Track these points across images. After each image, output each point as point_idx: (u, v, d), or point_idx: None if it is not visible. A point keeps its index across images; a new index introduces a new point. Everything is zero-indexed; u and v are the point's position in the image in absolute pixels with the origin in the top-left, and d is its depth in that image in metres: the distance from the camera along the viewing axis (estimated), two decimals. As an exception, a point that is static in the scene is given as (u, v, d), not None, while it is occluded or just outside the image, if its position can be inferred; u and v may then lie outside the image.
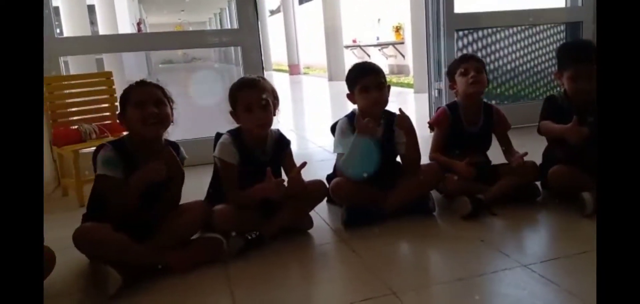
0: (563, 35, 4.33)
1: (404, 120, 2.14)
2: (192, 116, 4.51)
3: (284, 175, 2.08)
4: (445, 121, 2.41)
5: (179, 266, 1.79)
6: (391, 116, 2.22)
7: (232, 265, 1.84)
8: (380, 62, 2.25)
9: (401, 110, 2.15)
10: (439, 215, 2.23)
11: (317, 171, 2.49)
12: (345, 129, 2.21)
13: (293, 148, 2.17)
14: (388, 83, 2.21)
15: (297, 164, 2.03)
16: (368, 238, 2.03)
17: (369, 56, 12.29)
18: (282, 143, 2.13)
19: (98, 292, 1.68)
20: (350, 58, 11.92)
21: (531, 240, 2.04)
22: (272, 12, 20.72)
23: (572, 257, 1.75)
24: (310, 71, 15.99)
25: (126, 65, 9.54)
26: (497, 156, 2.48)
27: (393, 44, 11.34)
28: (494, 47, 4.16)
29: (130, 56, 10.51)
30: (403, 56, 11.22)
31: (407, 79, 10.14)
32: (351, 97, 2.25)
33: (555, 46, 4.29)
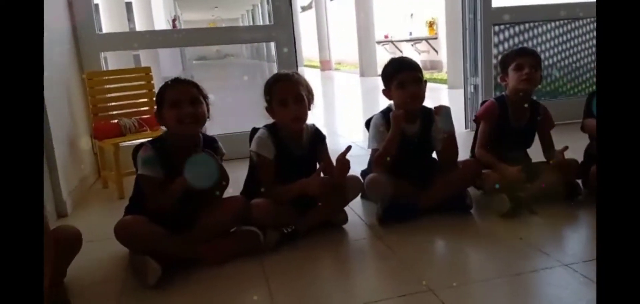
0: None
1: (443, 107, 2.13)
2: (227, 111, 4.56)
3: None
4: (494, 115, 2.35)
5: (214, 259, 1.82)
6: (428, 112, 2.20)
7: (268, 258, 1.85)
8: (412, 57, 2.23)
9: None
10: (477, 212, 2.20)
11: (351, 167, 2.48)
12: (379, 125, 2.20)
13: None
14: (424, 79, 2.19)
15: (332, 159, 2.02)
16: (403, 234, 2.01)
17: (401, 52, 12.16)
18: (318, 138, 2.13)
19: (138, 282, 1.73)
20: (382, 54, 11.85)
21: (572, 239, 1.99)
22: (304, 8, 20.74)
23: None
24: (341, 67, 15.98)
25: (161, 60, 9.69)
26: (536, 153, 2.42)
27: (426, 39, 11.21)
28: (534, 42, 4.05)
29: (165, 52, 10.69)
30: (436, 51, 11.08)
31: (440, 75, 10.01)
32: (387, 93, 2.22)
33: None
